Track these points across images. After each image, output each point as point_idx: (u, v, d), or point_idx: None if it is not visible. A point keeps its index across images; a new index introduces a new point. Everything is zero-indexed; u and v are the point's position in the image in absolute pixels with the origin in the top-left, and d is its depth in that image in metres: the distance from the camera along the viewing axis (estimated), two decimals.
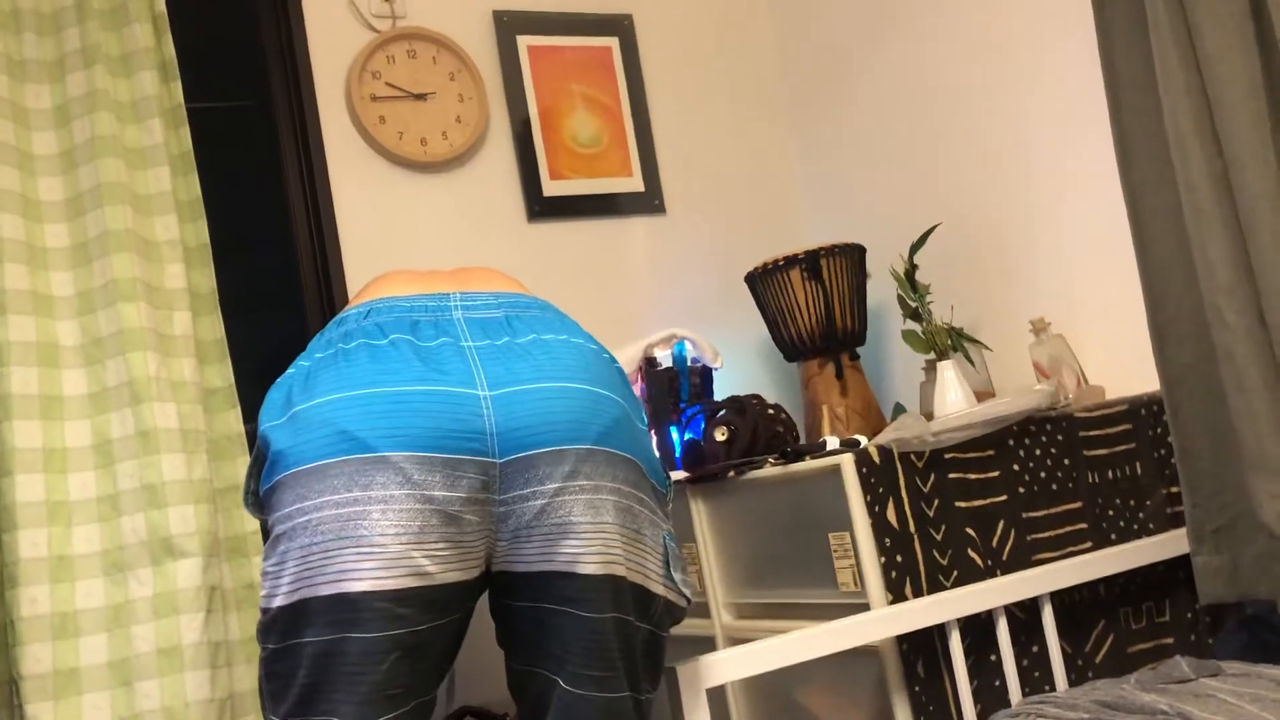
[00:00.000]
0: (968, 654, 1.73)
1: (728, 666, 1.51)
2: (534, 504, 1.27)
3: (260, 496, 1.31)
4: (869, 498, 1.71)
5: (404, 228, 2.48)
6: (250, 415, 2.16)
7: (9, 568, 1.85)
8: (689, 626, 2.12)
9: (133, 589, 1.91)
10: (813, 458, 1.81)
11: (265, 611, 1.27)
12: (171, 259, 2.08)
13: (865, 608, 1.71)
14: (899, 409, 2.48)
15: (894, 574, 1.70)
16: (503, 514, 1.27)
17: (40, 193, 2.03)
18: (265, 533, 1.34)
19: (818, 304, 2.37)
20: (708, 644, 2.07)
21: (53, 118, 2.06)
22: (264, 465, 1.30)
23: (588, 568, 1.29)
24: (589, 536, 1.29)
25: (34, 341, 1.94)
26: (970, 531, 1.78)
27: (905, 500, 1.73)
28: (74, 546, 1.91)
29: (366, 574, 1.22)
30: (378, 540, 1.22)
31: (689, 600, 1.40)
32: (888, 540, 1.71)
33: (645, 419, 1.38)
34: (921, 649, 1.71)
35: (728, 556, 2.05)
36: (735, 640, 1.99)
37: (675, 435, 2.39)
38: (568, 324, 1.40)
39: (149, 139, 2.11)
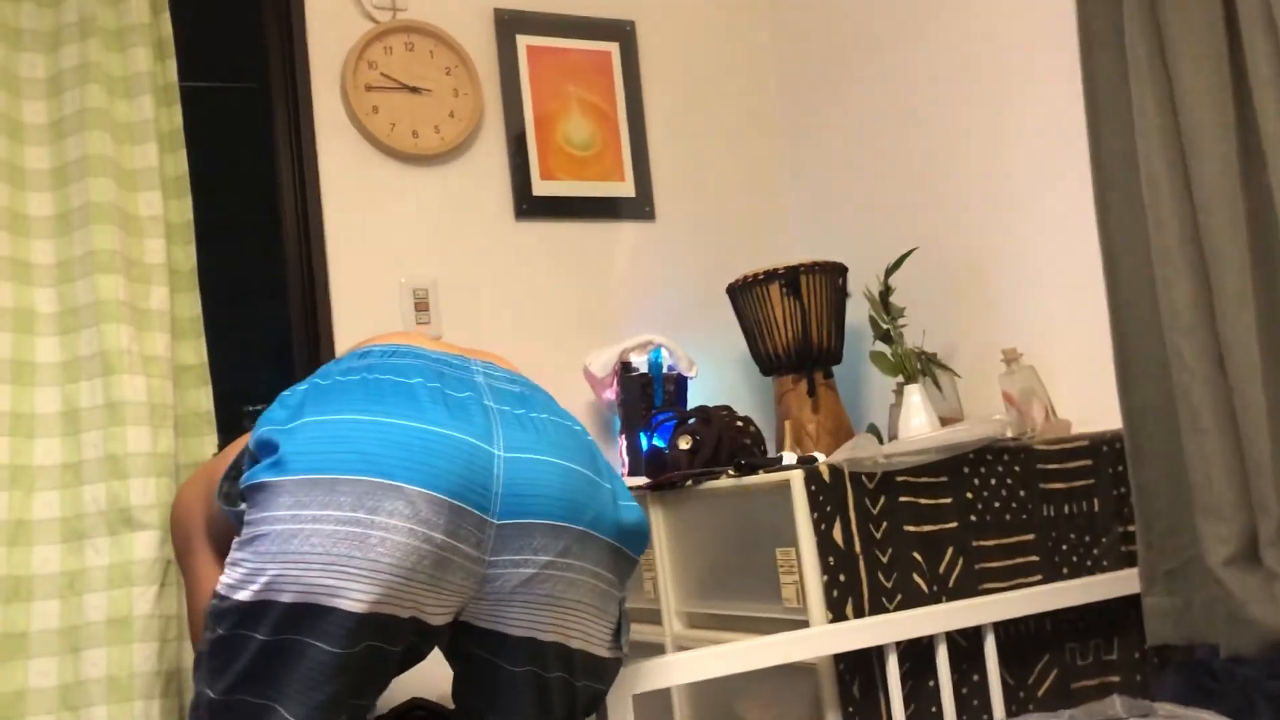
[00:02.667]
0: (907, 679, 1.73)
1: (656, 674, 1.51)
2: (523, 571, 1.32)
3: (240, 491, 1.32)
4: (816, 515, 1.71)
5: (391, 218, 2.50)
6: (221, 396, 2.19)
7: None
8: (641, 633, 2.12)
9: (89, 558, 1.92)
10: (765, 472, 1.82)
11: (222, 599, 1.29)
12: (153, 234, 2.10)
13: (806, 624, 1.71)
14: (872, 429, 2.48)
15: (835, 593, 1.71)
16: (489, 575, 1.31)
17: (27, 160, 2.06)
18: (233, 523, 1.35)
19: (795, 320, 2.37)
20: (658, 650, 2.08)
21: (45, 87, 2.09)
22: (253, 463, 1.31)
23: (558, 638, 1.36)
24: (565, 612, 1.35)
25: (10, 307, 1.96)
26: (917, 556, 1.78)
27: (853, 520, 1.74)
28: (34, 511, 1.92)
29: (347, 594, 1.24)
30: (368, 566, 1.24)
31: (625, 653, 1.49)
32: (832, 559, 1.71)
33: (627, 489, 1.46)
34: (859, 670, 1.71)
35: (682, 565, 2.06)
36: (684, 648, 1.99)
37: (645, 441, 2.40)
38: (567, 414, 1.47)
39: (139, 114, 2.13)
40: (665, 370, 2.48)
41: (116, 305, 2.00)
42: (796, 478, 1.72)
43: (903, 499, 1.78)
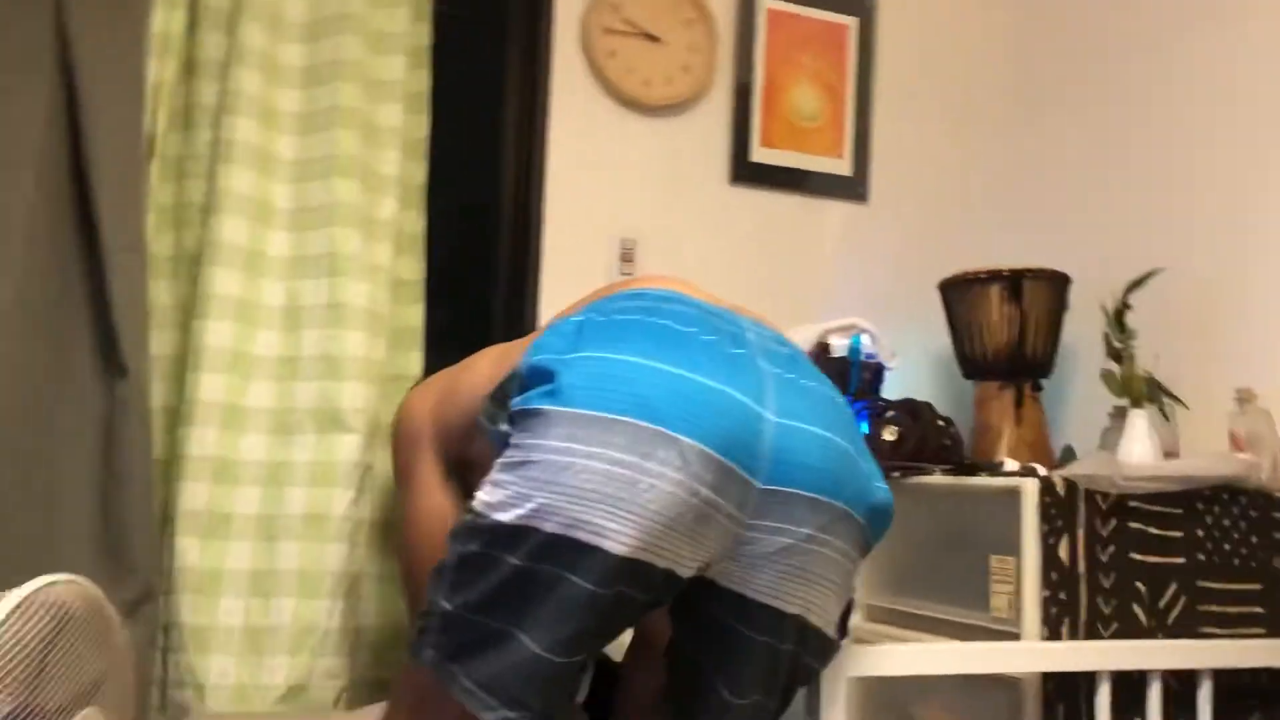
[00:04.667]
0: (1111, 711, 1.65)
1: (875, 661, 1.47)
2: (780, 540, 1.29)
3: (510, 414, 1.32)
4: (1045, 528, 1.64)
5: (609, 164, 2.48)
6: (432, 314, 2.20)
7: (187, 405, 1.91)
8: None
9: (294, 452, 1.95)
10: (990, 474, 1.75)
11: (479, 516, 1.28)
12: (390, 145, 2.12)
13: (1013, 637, 1.65)
14: (1068, 452, 2.38)
15: (1054, 610, 1.64)
16: (746, 538, 1.29)
17: (281, 57, 2.08)
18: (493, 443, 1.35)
19: (1012, 325, 2.28)
20: None
21: None
22: (524, 389, 1.31)
23: (800, 611, 1.33)
24: (815, 587, 1.33)
25: (251, 197, 1.99)
26: (1140, 586, 1.70)
27: (1081, 539, 1.66)
28: (248, 399, 1.96)
29: (612, 535, 1.23)
30: (635, 510, 1.23)
31: (848, 638, 1.46)
32: (1054, 575, 1.64)
33: (879, 470, 1.43)
34: (1065, 693, 1.64)
35: (874, 557, 2.00)
36: (862, 642, 1.94)
37: None
38: (830, 383, 1.43)
39: (392, 25, 2.14)
40: (864, 357, 2.41)
41: (350, 210, 2.02)
42: (1030, 486, 1.65)
43: (1133, 525, 1.70)
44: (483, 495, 1.29)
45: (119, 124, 1.88)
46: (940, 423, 2.18)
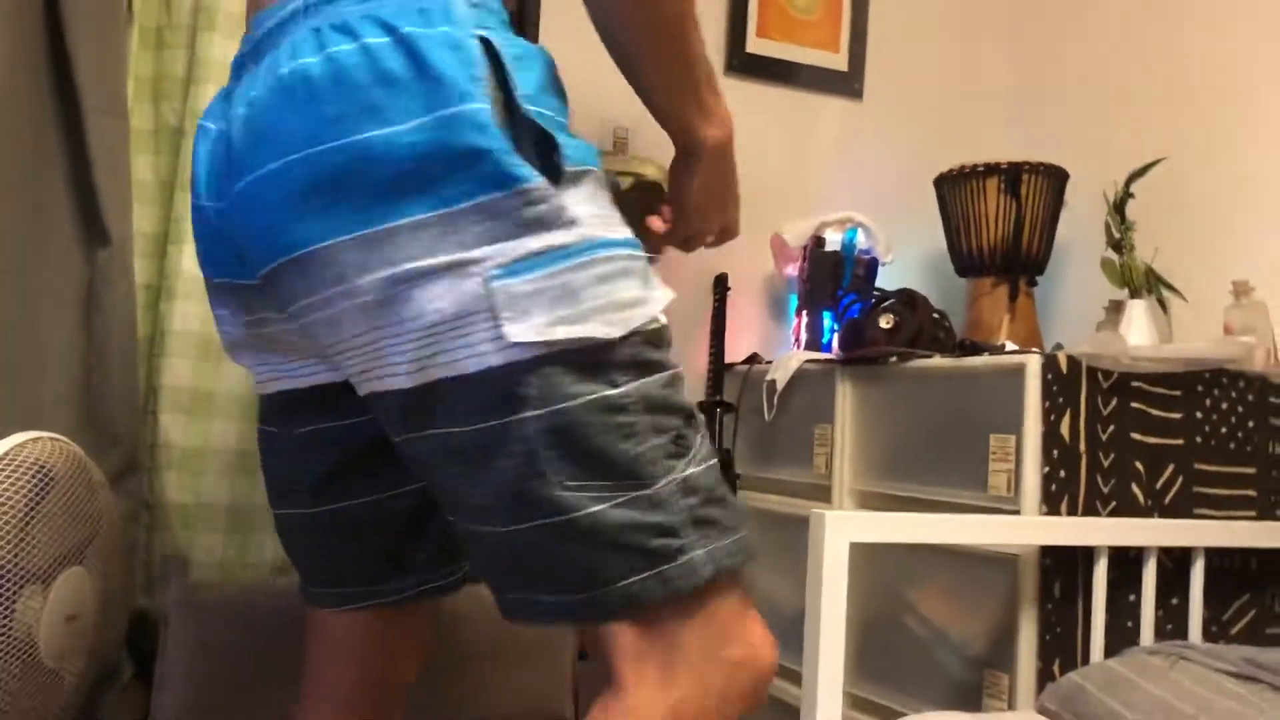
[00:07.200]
0: (1108, 586, 1.65)
1: (873, 527, 1.45)
2: (295, 324, 1.04)
3: None
4: (1047, 404, 1.63)
5: (603, 50, 2.41)
6: None
7: (169, 280, 1.86)
8: (802, 507, 2.07)
9: None
10: (992, 354, 1.74)
11: None
12: None
13: (1012, 514, 1.64)
14: (1057, 349, 2.37)
15: (1053, 487, 1.63)
16: (294, 329, 1.08)
17: None
18: None
19: (1007, 220, 2.26)
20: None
21: None
22: None
23: (367, 387, 0.99)
24: (363, 352, 0.97)
25: None
26: (1139, 466, 1.70)
27: (1083, 417, 1.65)
28: None
29: (263, 375, 1.21)
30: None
31: (614, 331, 0.95)
32: (1055, 452, 1.63)
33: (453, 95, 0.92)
34: (1063, 569, 1.64)
35: (865, 444, 1.99)
36: None
37: (829, 321, 2.33)
38: (297, 42, 0.97)
39: None
40: (858, 252, 2.38)
41: None
42: (1033, 362, 1.63)
43: (1134, 405, 1.69)
44: None
45: None
46: (935, 316, 2.15)
